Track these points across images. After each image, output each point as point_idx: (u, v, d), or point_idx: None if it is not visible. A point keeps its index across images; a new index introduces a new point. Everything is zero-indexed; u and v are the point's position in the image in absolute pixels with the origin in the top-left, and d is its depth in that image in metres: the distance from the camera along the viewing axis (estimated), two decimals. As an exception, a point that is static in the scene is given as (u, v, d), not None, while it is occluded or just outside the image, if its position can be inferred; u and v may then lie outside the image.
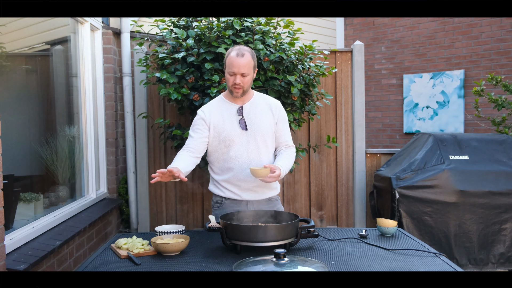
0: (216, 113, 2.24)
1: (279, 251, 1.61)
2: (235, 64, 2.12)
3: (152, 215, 4.17)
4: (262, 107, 2.28)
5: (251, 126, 2.23)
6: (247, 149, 2.23)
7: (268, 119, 2.26)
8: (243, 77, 2.15)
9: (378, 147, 6.78)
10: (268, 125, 2.26)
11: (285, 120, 2.34)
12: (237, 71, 2.13)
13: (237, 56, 2.13)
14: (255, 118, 2.24)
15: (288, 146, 2.37)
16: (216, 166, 2.30)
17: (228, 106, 2.25)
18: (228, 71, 2.17)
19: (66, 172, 3.35)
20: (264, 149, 2.26)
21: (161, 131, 3.96)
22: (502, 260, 3.34)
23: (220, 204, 2.31)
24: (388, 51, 6.71)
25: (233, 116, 2.23)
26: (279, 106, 2.33)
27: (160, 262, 1.81)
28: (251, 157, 2.23)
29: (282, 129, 2.33)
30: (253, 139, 2.23)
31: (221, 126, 2.21)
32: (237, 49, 2.17)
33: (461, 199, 3.31)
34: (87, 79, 3.70)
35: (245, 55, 2.14)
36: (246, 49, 2.18)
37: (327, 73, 3.63)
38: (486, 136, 3.69)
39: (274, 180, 2.11)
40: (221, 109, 2.25)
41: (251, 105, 2.26)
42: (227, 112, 2.24)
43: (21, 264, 2.22)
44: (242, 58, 2.13)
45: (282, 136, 2.33)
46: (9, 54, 2.78)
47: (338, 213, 4.32)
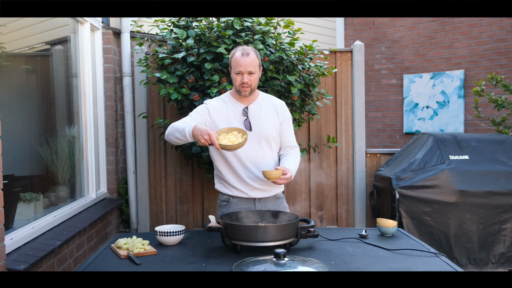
0: (222, 112, 2.25)
1: (279, 251, 1.61)
2: (241, 63, 2.14)
3: (152, 215, 4.17)
4: (267, 107, 2.29)
5: (256, 127, 2.24)
6: (252, 149, 2.24)
7: (272, 119, 2.28)
8: (250, 75, 2.17)
9: (378, 147, 6.78)
10: (272, 126, 2.27)
11: (289, 121, 2.36)
12: (243, 70, 2.15)
13: (242, 56, 2.15)
14: (260, 119, 2.25)
15: (292, 147, 2.38)
16: (221, 166, 2.30)
17: (235, 105, 2.26)
18: (234, 71, 2.18)
19: (66, 172, 3.35)
20: (268, 149, 2.28)
21: (161, 131, 3.96)
22: (502, 260, 3.34)
23: (228, 202, 2.32)
24: (388, 51, 6.71)
25: (238, 116, 2.25)
26: (284, 107, 2.35)
27: (160, 262, 1.81)
28: (255, 158, 2.24)
29: (287, 130, 2.35)
30: (257, 139, 2.24)
31: (226, 124, 2.22)
32: (241, 49, 2.19)
33: (461, 199, 3.31)
34: (87, 79, 3.70)
35: (250, 54, 2.16)
36: (250, 48, 2.20)
37: (327, 73, 3.64)
38: (486, 136, 3.69)
39: (285, 182, 2.14)
40: (227, 108, 2.26)
41: (257, 106, 2.28)
42: (233, 112, 2.25)
43: (21, 264, 2.22)
44: (248, 57, 2.15)
45: (286, 137, 2.35)
46: (9, 54, 2.78)
47: (338, 213, 4.32)
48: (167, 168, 4.17)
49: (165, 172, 4.17)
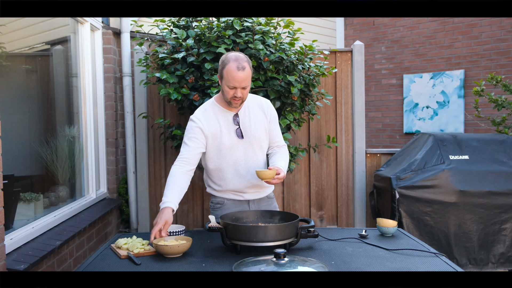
0: (213, 122, 2.18)
1: (279, 251, 1.61)
2: (236, 78, 2.03)
3: (152, 215, 4.17)
4: (255, 110, 2.26)
5: (247, 134, 2.22)
6: (245, 156, 2.23)
7: (261, 122, 2.26)
8: (243, 89, 2.09)
9: (378, 147, 6.78)
10: (262, 128, 2.25)
11: (276, 119, 2.33)
12: (238, 85, 2.05)
13: (237, 70, 2.03)
14: (250, 125, 2.22)
15: (280, 146, 2.38)
16: (214, 174, 2.27)
17: (223, 114, 2.20)
18: (227, 84, 2.07)
19: (66, 172, 3.35)
20: (260, 153, 2.28)
21: (161, 131, 3.96)
22: (502, 260, 3.34)
23: (222, 205, 2.31)
24: (388, 51, 6.71)
25: (229, 124, 2.20)
26: (270, 106, 2.31)
27: (160, 262, 1.81)
28: (249, 163, 2.24)
29: (274, 129, 2.33)
30: (250, 145, 2.23)
31: (218, 136, 2.18)
32: (235, 59, 2.05)
33: (461, 199, 3.31)
34: (87, 79, 3.70)
35: (246, 68, 2.05)
36: (244, 58, 2.08)
37: (327, 73, 3.63)
38: (486, 136, 3.69)
39: (279, 182, 2.14)
40: (216, 117, 2.19)
41: (245, 111, 2.23)
42: (223, 120, 2.20)
43: (21, 264, 2.22)
44: (243, 72, 2.04)
45: (274, 137, 2.34)
46: (9, 54, 2.78)
47: (338, 213, 4.32)
48: (167, 168, 4.17)
49: (165, 172, 4.17)
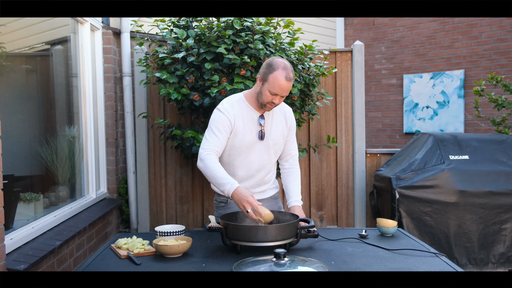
0: (238, 117, 2.18)
1: (279, 251, 1.61)
2: (282, 87, 2.05)
3: (152, 215, 4.17)
4: (278, 115, 2.28)
5: (267, 137, 2.23)
6: (259, 157, 2.24)
7: (282, 128, 2.28)
8: (282, 97, 2.12)
9: (378, 147, 6.78)
10: (281, 134, 2.28)
11: (294, 128, 2.37)
12: (280, 93, 2.08)
13: (285, 80, 2.05)
14: (271, 129, 2.24)
15: (293, 155, 2.39)
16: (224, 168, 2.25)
17: (249, 112, 2.20)
18: (270, 89, 2.07)
19: (66, 172, 3.35)
20: (274, 157, 2.31)
21: (161, 131, 3.96)
22: (502, 260, 3.34)
23: (226, 203, 2.32)
24: (388, 51, 6.71)
25: (252, 124, 2.20)
26: (292, 114, 2.35)
27: (160, 262, 1.81)
28: (261, 164, 2.25)
29: (291, 138, 2.36)
30: (266, 148, 2.24)
31: (240, 132, 2.18)
32: (284, 67, 2.06)
33: (461, 199, 3.30)
34: (87, 79, 3.69)
35: (292, 79, 2.09)
36: (291, 68, 2.10)
37: (327, 73, 3.64)
38: (486, 136, 3.69)
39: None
40: (242, 113, 2.19)
41: (269, 114, 2.25)
42: (248, 119, 2.20)
43: (21, 264, 2.22)
44: (290, 83, 2.07)
45: (290, 145, 2.36)
46: (9, 54, 2.78)
47: (338, 213, 4.32)
48: (167, 168, 4.17)
49: (165, 172, 4.17)
